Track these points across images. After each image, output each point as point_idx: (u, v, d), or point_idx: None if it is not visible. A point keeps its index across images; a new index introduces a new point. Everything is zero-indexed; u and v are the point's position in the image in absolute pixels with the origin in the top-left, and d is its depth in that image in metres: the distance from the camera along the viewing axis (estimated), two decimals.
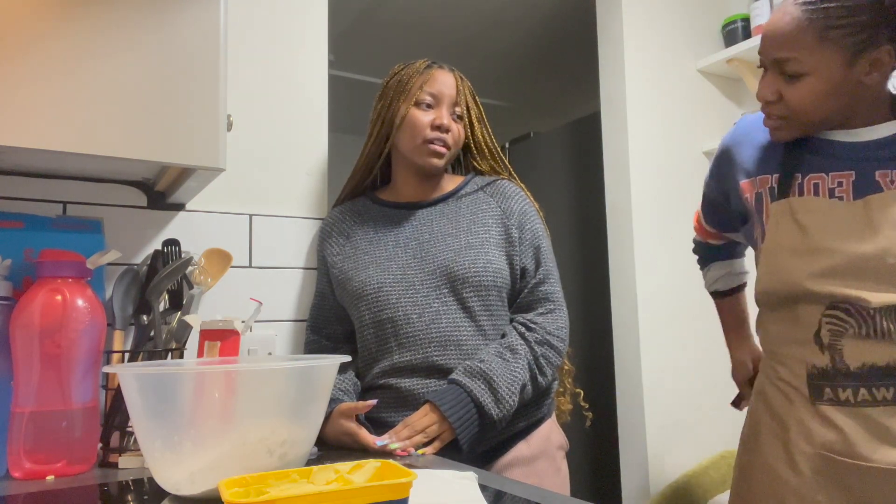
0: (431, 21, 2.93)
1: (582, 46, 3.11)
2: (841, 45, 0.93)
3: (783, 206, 1.01)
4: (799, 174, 1.02)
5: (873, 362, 0.92)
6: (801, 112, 0.98)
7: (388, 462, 0.67)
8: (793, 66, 0.95)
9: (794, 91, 0.97)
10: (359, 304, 1.20)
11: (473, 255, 1.18)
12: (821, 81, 0.95)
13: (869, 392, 0.93)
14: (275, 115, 1.41)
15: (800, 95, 0.97)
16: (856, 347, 0.93)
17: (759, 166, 1.08)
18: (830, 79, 0.95)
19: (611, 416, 2.07)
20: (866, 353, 0.93)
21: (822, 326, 0.96)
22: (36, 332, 0.92)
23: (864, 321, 0.93)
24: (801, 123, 1.00)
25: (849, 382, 0.94)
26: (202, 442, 0.75)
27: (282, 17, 1.44)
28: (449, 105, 1.23)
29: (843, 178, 0.99)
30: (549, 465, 1.20)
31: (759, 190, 1.07)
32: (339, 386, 1.18)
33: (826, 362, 0.96)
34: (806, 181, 1.01)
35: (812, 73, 0.95)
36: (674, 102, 2.16)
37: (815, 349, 0.97)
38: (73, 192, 1.18)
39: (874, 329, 0.92)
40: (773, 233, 1.02)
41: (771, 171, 1.05)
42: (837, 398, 0.95)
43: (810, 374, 0.98)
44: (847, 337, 0.94)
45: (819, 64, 0.94)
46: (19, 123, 0.86)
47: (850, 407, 0.94)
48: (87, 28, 0.91)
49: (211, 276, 1.19)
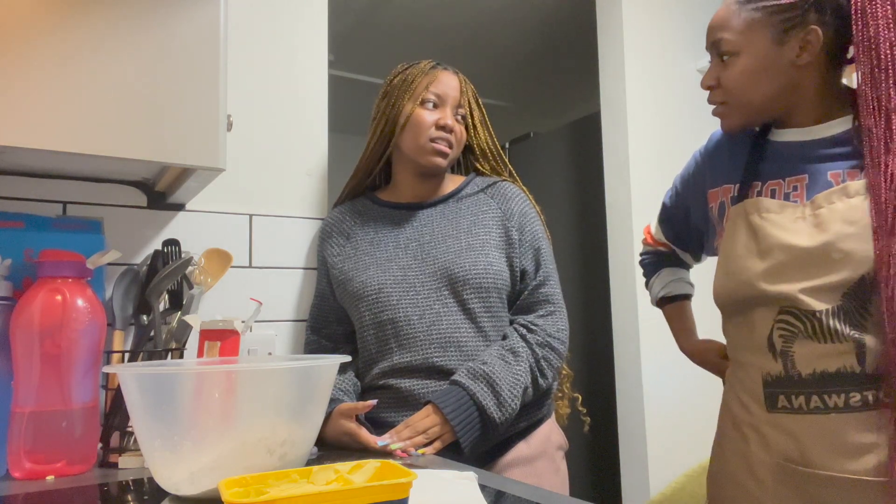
0: (431, 21, 2.93)
1: (582, 46, 3.11)
2: (768, 24, 0.96)
3: (739, 208, 1.02)
4: (759, 182, 1.03)
5: (824, 369, 0.92)
6: (737, 91, 1.00)
7: (388, 462, 0.67)
8: (725, 46, 1.00)
9: (729, 72, 1.00)
10: (359, 305, 1.20)
11: (474, 257, 1.18)
12: (751, 59, 0.98)
13: (821, 399, 0.92)
14: (275, 115, 1.41)
15: (733, 75, 1.00)
16: (807, 353, 0.93)
17: (723, 176, 1.09)
18: (760, 56, 0.98)
19: (611, 416, 2.07)
20: (817, 360, 0.92)
21: (774, 331, 0.96)
22: (36, 332, 0.92)
23: (813, 324, 0.92)
24: (740, 105, 1.02)
25: (801, 389, 0.93)
26: (202, 442, 0.75)
27: (282, 17, 1.44)
28: (453, 106, 1.23)
29: (797, 181, 0.99)
30: (548, 465, 1.20)
31: (722, 199, 1.08)
32: (339, 386, 1.18)
33: (779, 370, 0.96)
34: (765, 188, 1.02)
35: (742, 52, 0.99)
36: (674, 102, 2.16)
37: (768, 357, 0.97)
38: (73, 192, 1.18)
39: (821, 330, 0.92)
40: (730, 235, 1.03)
41: (733, 181, 1.07)
42: (791, 406, 0.94)
43: (765, 381, 0.98)
44: (798, 342, 0.94)
45: (748, 42, 0.98)
46: (19, 123, 0.86)
47: (804, 414, 0.93)
48: (87, 28, 0.91)
49: (211, 276, 1.19)
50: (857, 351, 0.90)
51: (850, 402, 0.90)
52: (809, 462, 0.92)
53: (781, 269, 0.95)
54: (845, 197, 0.93)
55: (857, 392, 0.90)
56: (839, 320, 0.91)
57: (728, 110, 1.04)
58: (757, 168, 1.04)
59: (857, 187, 0.93)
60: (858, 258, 0.90)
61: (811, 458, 0.92)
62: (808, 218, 0.95)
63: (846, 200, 0.93)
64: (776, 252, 0.95)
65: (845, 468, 0.90)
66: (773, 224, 0.97)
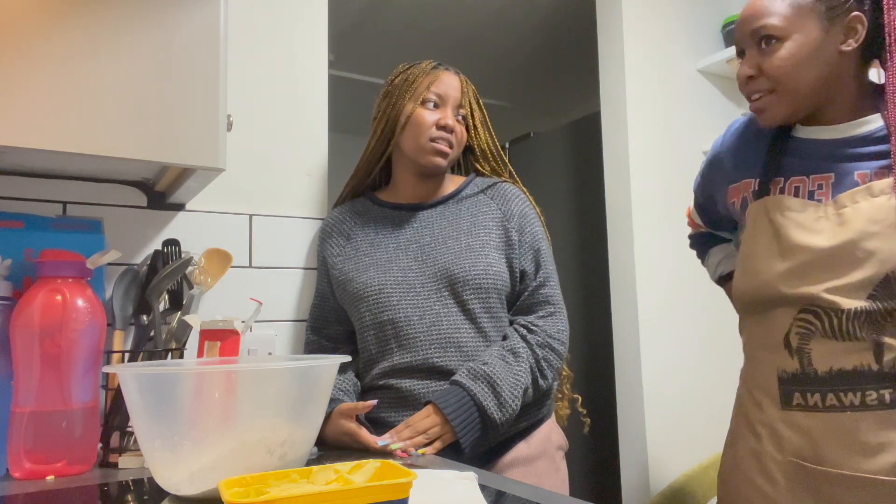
0: (431, 21, 2.93)
1: (582, 46, 3.11)
2: (815, 9, 0.95)
3: (759, 205, 1.01)
4: (781, 178, 1.02)
5: (841, 366, 0.91)
6: (784, 77, 0.97)
7: (388, 462, 0.67)
8: (770, 31, 0.97)
9: (773, 58, 0.97)
10: (359, 306, 1.20)
11: (474, 258, 1.18)
12: (798, 45, 0.96)
13: (837, 397, 0.91)
14: (275, 115, 1.41)
15: (780, 60, 0.97)
16: (824, 351, 0.93)
17: (744, 171, 1.08)
18: (808, 43, 0.96)
19: (611, 416, 2.07)
20: (835, 358, 0.92)
21: (792, 329, 0.96)
22: (36, 332, 0.92)
23: (833, 322, 0.92)
24: (787, 93, 0.98)
25: (817, 387, 0.93)
26: (202, 442, 0.75)
27: (282, 17, 1.44)
28: (454, 107, 1.23)
29: (822, 180, 0.98)
30: (548, 465, 1.20)
31: (743, 194, 1.07)
32: (339, 386, 1.18)
33: (795, 366, 0.95)
34: (788, 185, 1.01)
35: (789, 37, 0.96)
36: (674, 102, 2.16)
37: (784, 354, 0.96)
38: (73, 192, 1.18)
39: (840, 328, 0.91)
40: (750, 233, 1.02)
41: (754, 176, 1.05)
42: (806, 403, 0.94)
43: (780, 378, 0.97)
44: (815, 340, 0.93)
45: (795, 27, 0.96)
46: (19, 123, 0.86)
47: (819, 412, 0.93)
48: (87, 28, 0.91)
49: (211, 276, 1.19)
50: (874, 349, 0.90)
51: (866, 400, 0.90)
52: (823, 460, 0.92)
53: (803, 269, 0.94)
54: (869, 196, 0.92)
55: (874, 390, 0.90)
56: (860, 319, 0.90)
57: (774, 100, 0.99)
58: (779, 163, 1.03)
59: (883, 186, 0.92)
60: (883, 256, 0.89)
61: (825, 457, 0.92)
62: (830, 217, 0.94)
63: (870, 200, 0.92)
64: (798, 252, 0.95)
65: (860, 467, 0.89)
66: (794, 223, 0.96)
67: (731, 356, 2.15)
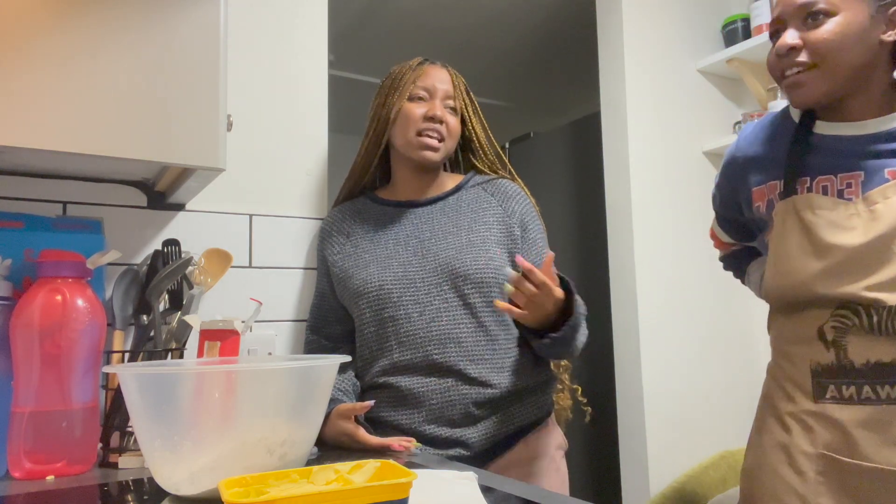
0: (431, 21, 2.93)
1: (582, 46, 3.11)
2: None
3: (787, 204, 1.00)
4: (807, 177, 1.00)
5: (879, 359, 0.91)
6: (829, 52, 0.95)
7: (388, 462, 0.67)
8: (821, 5, 0.95)
9: (820, 31, 0.95)
10: (360, 303, 1.20)
11: (475, 253, 1.18)
12: (847, 22, 0.95)
13: (873, 390, 0.91)
14: (275, 115, 1.41)
15: (828, 33, 0.95)
16: (861, 344, 0.92)
17: (768, 172, 1.06)
18: (856, 23, 0.95)
19: (611, 415, 2.07)
20: (872, 350, 0.91)
21: (827, 324, 0.95)
22: (36, 332, 0.92)
23: (873, 319, 0.91)
24: (829, 70, 0.96)
25: (853, 380, 0.92)
26: (202, 442, 0.75)
27: (282, 17, 1.44)
28: (442, 98, 1.23)
29: (851, 178, 0.97)
30: (548, 465, 1.20)
31: (769, 196, 1.05)
32: (339, 386, 1.18)
33: (831, 359, 0.94)
34: (815, 184, 0.99)
35: (840, 13, 0.95)
36: (674, 102, 2.16)
37: (819, 346, 0.96)
38: (73, 192, 1.18)
39: (882, 326, 0.90)
40: (780, 232, 1.01)
41: (778, 177, 1.04)
42: (841, 396, 0.93)
43: (814, 371, 0.96)
44: (852, 333, 0.93)
45: (846, 5, 0.95)
46: (19, 123, 0.86)
47: (854, 405, 0.92)
48: (87, 28, 0.91)
49: (211, 276, 1.19)
50: None
51: None
52: (856, 453, 0.91)
53: (840, 268, 0.93)
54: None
55: None
56: None
57: (815, 76, 0.97)
58: (803, 162, 1.01)
59: None
60: None
61: (858, 450, 0.91)
62: (862, 214, 0.93)
63: None
64: (834, 251, 0.94)
65: (892, 461, 0.89)
66: (826, 221, 0.95)
67: (732, 356, 2.16)
